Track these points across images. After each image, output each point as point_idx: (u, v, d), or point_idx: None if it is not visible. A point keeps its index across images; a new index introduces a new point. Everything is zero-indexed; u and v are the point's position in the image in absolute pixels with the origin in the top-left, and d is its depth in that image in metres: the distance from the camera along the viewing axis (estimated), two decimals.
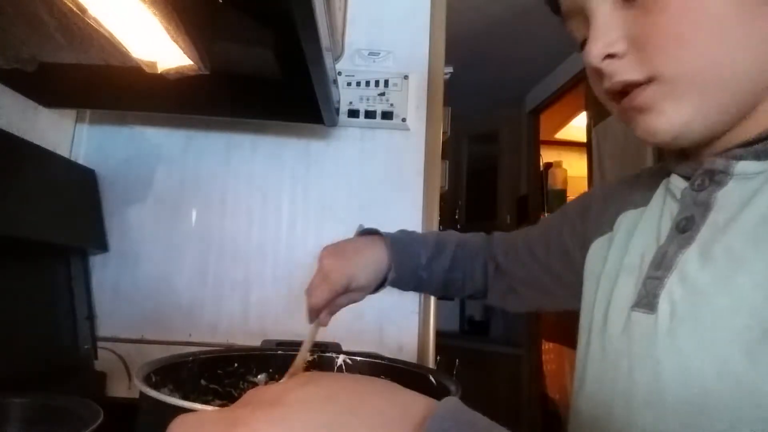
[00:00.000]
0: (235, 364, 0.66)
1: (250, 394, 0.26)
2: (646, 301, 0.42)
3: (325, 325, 0.65)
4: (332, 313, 0.66)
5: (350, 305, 0.68)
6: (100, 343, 1.04)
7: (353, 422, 0.24)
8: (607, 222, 0.54)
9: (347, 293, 0.65)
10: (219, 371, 0.64)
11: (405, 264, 0.69)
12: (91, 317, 1.04)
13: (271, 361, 0.68)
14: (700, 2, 0.38)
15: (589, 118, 2.48)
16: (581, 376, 0.50)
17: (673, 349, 0.39)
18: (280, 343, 0.74)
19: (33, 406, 0.67)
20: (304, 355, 0.63)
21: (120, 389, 1.04)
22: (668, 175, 0.49)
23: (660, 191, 0.50)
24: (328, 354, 0.70)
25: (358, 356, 0.68)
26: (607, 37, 0.42)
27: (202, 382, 0.63)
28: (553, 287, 0.66)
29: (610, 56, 0.42)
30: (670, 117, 0.41)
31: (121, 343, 1.06)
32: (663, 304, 0.41)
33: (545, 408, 2.79)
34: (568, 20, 0.47)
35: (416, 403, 0.26)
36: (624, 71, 0.42)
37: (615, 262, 0.49)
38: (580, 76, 2.52)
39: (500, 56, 2.76)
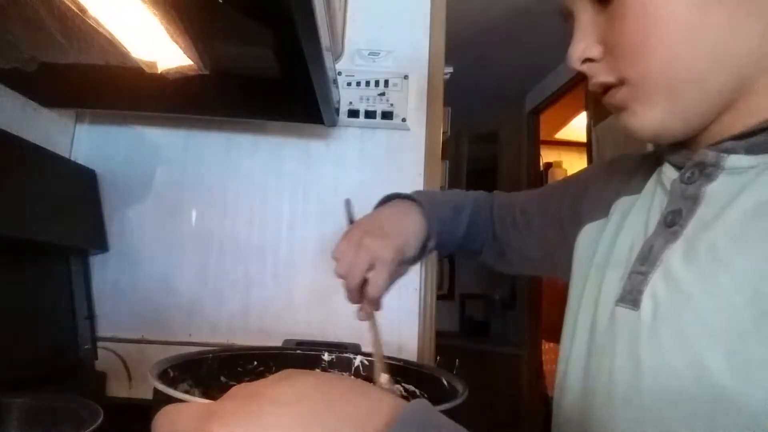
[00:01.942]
0: (255, 362, 0.67)
1: (233, 389, 0.27)
2: (630, 296, 0.42)
3: (379, 310, 0.60)
4: (381, 296, 0.60)
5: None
6: (100, 343, 1.04)
7: (318, 421, 0.25)
8: (603, 206, 0.53)
9: (393, 272, 0.58)
10: (239, 369, 0.65)
11: (439, 230, 0.64)
12: (91, 317, 1.04)
13: (290, 360, 0.69)
14: (655, 10, 0.40)
15: (589, 118, 2.48)
16: (564, 369, 0.49)
17: (654, 349, 0.38)
18: (301, 343, 0.75)
19: (33, 406, 0.67)
20: (381, 354, 0.61)
21: (120, 389, 1.04)
22: (662, 163, 0.48)
23: (653, 179, 0.49)
24: (345, 354, 0.71)
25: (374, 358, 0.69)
26: (584, 42, 0.44)
27: (222, 378, 0.63)
28: (544, 258, 0.65)
29: (589, 59, 0.44)
30: (643, 117, 0.42)
31: (121, 343, 1.06)
32: (646, 300, 0.40)
33: (545, 408, 2.79)
34: (566, 22, 0.48)
35: (384, 404, 0.26)
36: (600, 73, 0.44)
37: (605, 253, 0.48)
38: (580, 76, 2.51)
39: (500, 56, 2.76)
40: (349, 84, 1.15)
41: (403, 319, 1.08)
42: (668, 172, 0.45)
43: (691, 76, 0.40)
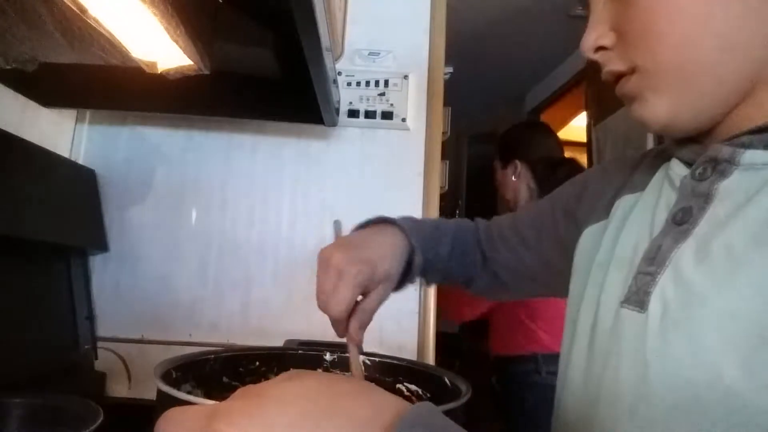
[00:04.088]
0: (257, 363, 0.67)
1: (239, 390, 0.27)
2: (636, 297, 0.40)
3: (358, 342, 0.56)
4: (364, 324, 0.56)
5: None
6: (100, 343, 1.04)
7: (324, 420, 0.24)
8: (604, 207, 0.51)
9: (373, 292, 0.55)
10: (240, 369, 0.65)
11: (424, 244, 0.61)
12: (91, 317, 1.04)
13: (292, 360, 0.69)
14: None
15: (589, 118, 2.48)
16: (564, 371, 0.48)
17: (663, 352, 0.37)
18: (303, 343, 0.75)
19: (33, 406, 0.67)
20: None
21: (120, 389, 1.04)
22: (669, 159, 0.46)
23: (658, 176, 0.47)
24: (347, 355, 0.71)
25: (377, 357, 0.69)
26: (597, 30, 0.43)
27: (224, 379, 0.63)
28: (545, 275, 0.63)
29: (602, 48, 0.44)
30: (653, 107, 0.41)
31: (121, 343, 1.06)
32: (654, 302, 0.38)
33: None
34: (585, 13, 0.47)
35: (389, 405, 0.26)
36: (613, 61, 0.43)
37: (607, 252, 0.47)
38: (580, 76, 2.52)
39: (500, 56, 2.76)
40: (349, 84, 1.15)
41: (403, 319, 1.08)
42: (677, 169, 0.44)
43: (701, 63, 0.38)
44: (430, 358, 1.08)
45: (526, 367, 1.49)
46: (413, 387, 0.64)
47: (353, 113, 1.14)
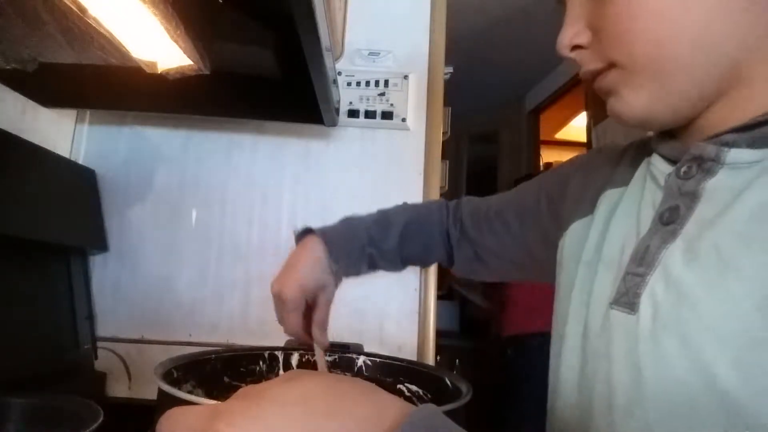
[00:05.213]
0: (259, 362, 0.67)
1: (241, 390, 0.27)
2: (626, 299, 0.39)
3: (324, 344, 0.64)
4: (322, 327, 0.64)
5: (351, 306, 0.63)
6: (100, 343, 1.04)
7: (325, 421, 0.24)
8: (588, 201, 0.50)
9: (316, 304, 0.64)
10: (241, 369, 0.65)
11: (345, 248, 0.66)
12: (91, 317, 1.04)
13: (293, 360, 0.69)
14: None
15: (589, 118, 2.48)
16: (555, 372, 0.47)
17: (655, 355, 0.36)
18: (304, 344, 0.76)
19: (33, 406, 0.67)
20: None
21: (120, 389, 1.04)
22: (650, 153, 0.45)
23: (640, 171, 0.46)
24: (348, 355, 0.71)
25: (378, 357, 0.69)
26: (573, 28, 0.43)
27: (225, 379, 0.63)
28: (525, 261, 0.64)
29: (578, 47, 0.43)
30: (629, 102, 0.41)
31: (121, 343, 1.06)
32: (645, 304, 0.38)
33: None
34: (563, 12, 0.47)
35: (391, 407, 0.26)
36: (589, 61, 0.43)
37: (594, 250, 0.46)
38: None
39: (500, 56, 2.76)
40: (349, 84, 1.15)
41: (403, 318, 1.08)
42: (660, 166, 0.43)
43: (677, 62, 0.38)
44: (430, 358, 1.08)
45: (538, 342, 1.88)
46: (414, 387, 0.64)
47: (353, 113, 1.14)
